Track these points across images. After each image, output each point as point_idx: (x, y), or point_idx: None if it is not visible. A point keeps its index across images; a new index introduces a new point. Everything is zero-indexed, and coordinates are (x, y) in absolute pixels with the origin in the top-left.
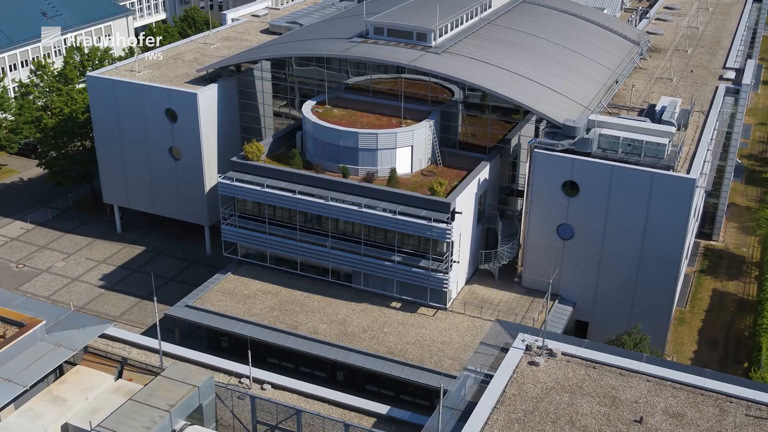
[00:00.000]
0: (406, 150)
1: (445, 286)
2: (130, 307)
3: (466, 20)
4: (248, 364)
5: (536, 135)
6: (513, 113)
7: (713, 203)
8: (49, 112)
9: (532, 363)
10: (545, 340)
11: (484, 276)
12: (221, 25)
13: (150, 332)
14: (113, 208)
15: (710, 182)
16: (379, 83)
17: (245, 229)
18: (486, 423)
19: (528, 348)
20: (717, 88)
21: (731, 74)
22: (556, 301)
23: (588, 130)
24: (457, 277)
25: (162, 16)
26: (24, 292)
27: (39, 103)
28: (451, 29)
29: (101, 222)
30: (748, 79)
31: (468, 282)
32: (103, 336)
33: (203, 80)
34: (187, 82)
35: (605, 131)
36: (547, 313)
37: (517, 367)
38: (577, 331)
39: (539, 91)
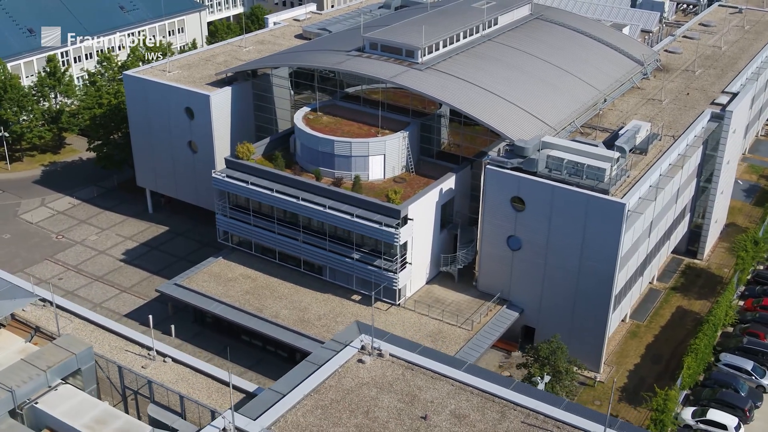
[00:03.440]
0: (379, 158)
1: (395, 284)
2: (141, 280)
3: (464, 37)
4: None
5: None
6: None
7: (699, 222)
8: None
9: (360, 361)
10: (382, 342)
11: (447, 278)
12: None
13: (150, 304)
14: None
15: (692, 202)
16: (373, 93)
17: (235, 219)
18: (294, 406)
19: (363, 348)
20: (702, 112)
21: (724, 98)
22: (504, 306)
23: (539, 151)
24: (411, 277)
25: (239, 10)
26: (56, 261)
27: (102, 91)
28: (443, 46)
29: (137, 202)
30: (736, 105)
31: (429, 282)
32: (59, 307)
33: (223, 83)
34: (208, 83)
35: (553, 153)
36: (489, 317)
37: (346, 363)
38: (525, 335)
39: (509, 110)
